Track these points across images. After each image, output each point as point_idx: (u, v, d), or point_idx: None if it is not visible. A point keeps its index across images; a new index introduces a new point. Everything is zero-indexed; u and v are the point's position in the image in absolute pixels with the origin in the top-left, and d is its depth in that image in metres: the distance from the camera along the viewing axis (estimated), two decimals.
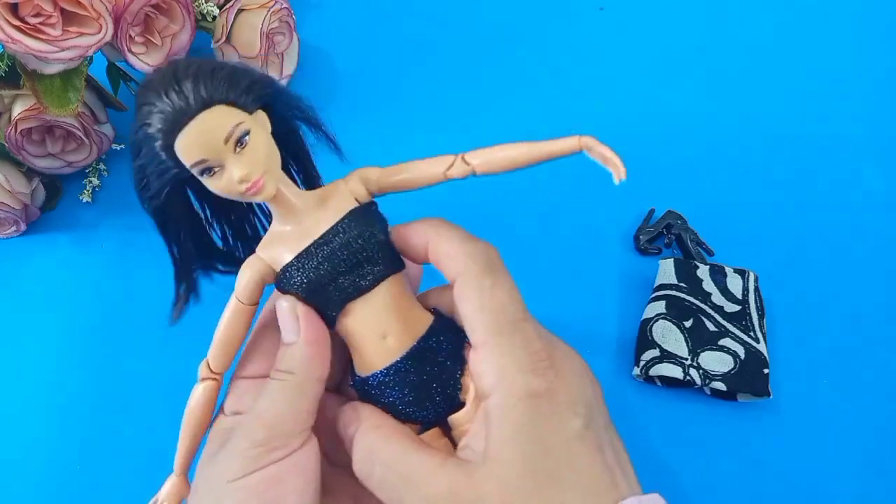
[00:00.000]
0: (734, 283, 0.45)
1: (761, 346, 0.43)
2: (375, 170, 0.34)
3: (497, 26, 0.58)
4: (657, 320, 0.44)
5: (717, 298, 0.45)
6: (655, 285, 0.46)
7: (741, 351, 0.43)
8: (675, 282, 0.45)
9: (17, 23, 0.39)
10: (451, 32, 0.58)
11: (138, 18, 0.44)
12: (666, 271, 0.46)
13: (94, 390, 0.45)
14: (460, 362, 0.33)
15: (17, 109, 0.44)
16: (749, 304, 0.44)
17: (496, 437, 0.29)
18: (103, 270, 0.49)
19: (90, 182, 0.50)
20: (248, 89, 0.31)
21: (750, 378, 0.42)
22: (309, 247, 0.32)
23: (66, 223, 0.50)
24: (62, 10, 0.40)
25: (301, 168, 0.38)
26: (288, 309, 0.32)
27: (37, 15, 0.40)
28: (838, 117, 0.54)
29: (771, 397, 0.42)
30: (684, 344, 0.43)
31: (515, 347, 0.30)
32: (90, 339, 0.46)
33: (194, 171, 0.30)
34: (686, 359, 0.42)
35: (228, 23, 0.48)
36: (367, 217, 0.33)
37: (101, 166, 0.51)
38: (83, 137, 0.47)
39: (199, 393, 0.34)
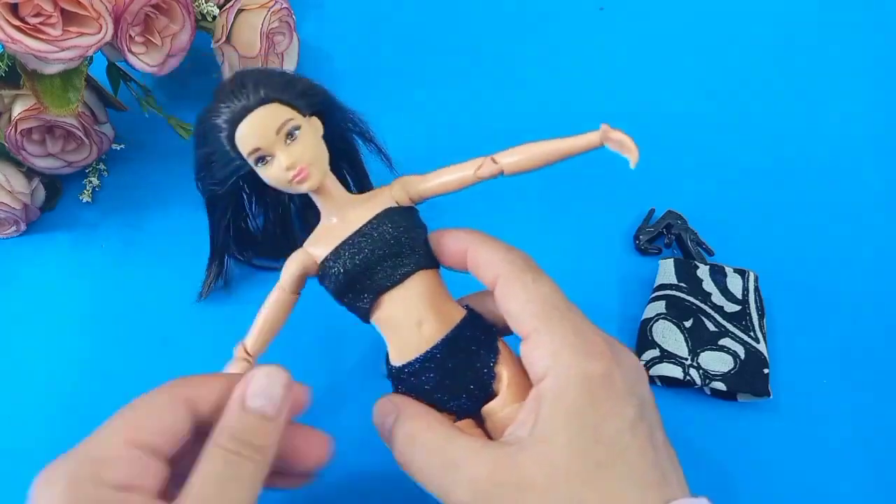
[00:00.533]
0: (734, 283, 0.45)
1: (761, 346, 0.43)
2: (415, 177, 0.37)
3: (497, 26, 0.58)
4: (657, 320, 0.44)
5: (717, 298, 0.45)
6: (655, 285, 0.46)
7: (741, 351, 0.43)
8: (675, 282, 0.45)
9: (18, 23, 0.39)
10: (450, 32, 0.58)
11: (138, 18, 0.43)
12: (666, 271, 0.46)
13: (95, 390, 0.44)
14: (494, 352, 0.34)
15: (17, 109, 0.44)
16: (749, 305, 0.45)
17: (546, 418, 0.29)
18: (103, 270, 0.49)
19: (90, 182, 0.50)
20: (303, 93, 0.35)
21: (750, 378, 0.42)
22: (347, 238, 0.35)
23: (66, 223, 0.50)
24: (62, 11, 0.40)
25: (354, 174, 0.42)
26: (276, 374, 0.31)
27: (37, 15, 0.40)
28: (838, 117, 0.54)
29: (771, 397, 0.42)
30: (684, 344, 0.43)
31: (568, 332, 0.30)
32: (90, 338, 0.46)
33: (250, 161, 0.35)
34: (686, 359, 0.42)
35: (228, 23, 0.48)
36: (403, 214, 0.36)
37: (101, 166, 0.51)
38: (83, 137, 0.47)
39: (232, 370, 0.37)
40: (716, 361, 0.42)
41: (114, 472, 0.28)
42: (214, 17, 0.49)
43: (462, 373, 0.34)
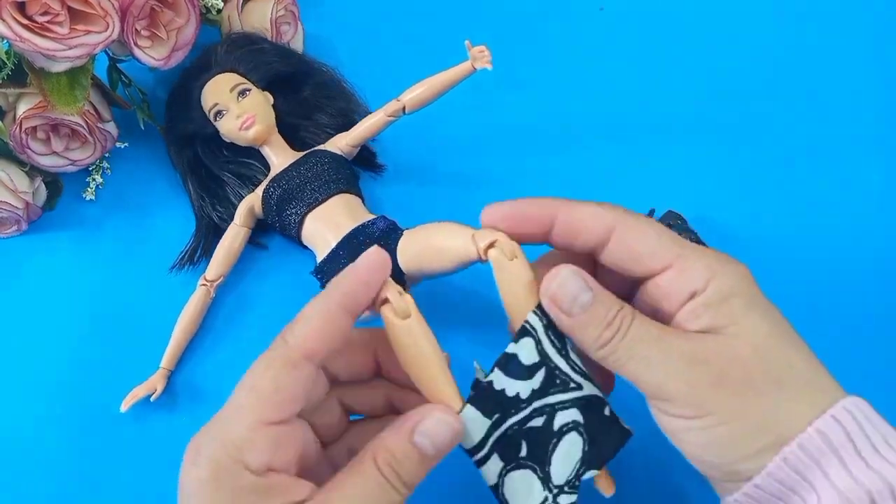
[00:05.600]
0: (526, 354, 0.33)
1: (587, 389, 0.34)
2: (343, 133, 0.48)
3: (497, 26, 0.58)
4: (503, 482, 0.33)
5: (524, 389, 0.33)
6: (470, 448, 0.33)
7: (577, 414, 0.34)
8: (490, 422, 0.33)
9: (26, 21, 0.39)
10: (451, 31, 0.57)
11: (144, 12, 0.44)
12: (470, 429, 0.32)
13: (97, 390, 0.45)
14: (397, 237, 0.41)
15: (22, 108, 0.44)
16: (549, 357, 0.33)
17: (740, 312, 0.31)
18: (106, 269, 0.49)
19: (94, 180, 0.50)
20: (255, 68, 0.47)
21: (602, 438, 0.34)
22: (283, 170, 0.45)
23: (69, 222, 0.50)
24: (69, 9, 0.40)
25: (308, 140, 0.49)
26: (450, 423, 0.31)
27: (45, 13, 0.40)
28: (840, 117, 0.54)
29: (633, 433, 0.35)
30: (534, 477, 0.33)
31: (707, 251, 0.33)
32: (92, 337, 0.46)
33: (211, 116, 0.46)
34: (546, 498, 0.33)
35: (239, 8, 0.49)
36: (330, 154, 0.46)
37: (105, 164, 0.51)
38: (87, 135, 0.46)
39: (194, 298, 0.45)
40: (565, 458, 0.33)
41: (253, 455, 0.28)
42: (219, 11, 0.49)
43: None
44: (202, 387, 0.45)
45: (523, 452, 0.33)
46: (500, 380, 0.32)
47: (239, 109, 0.45)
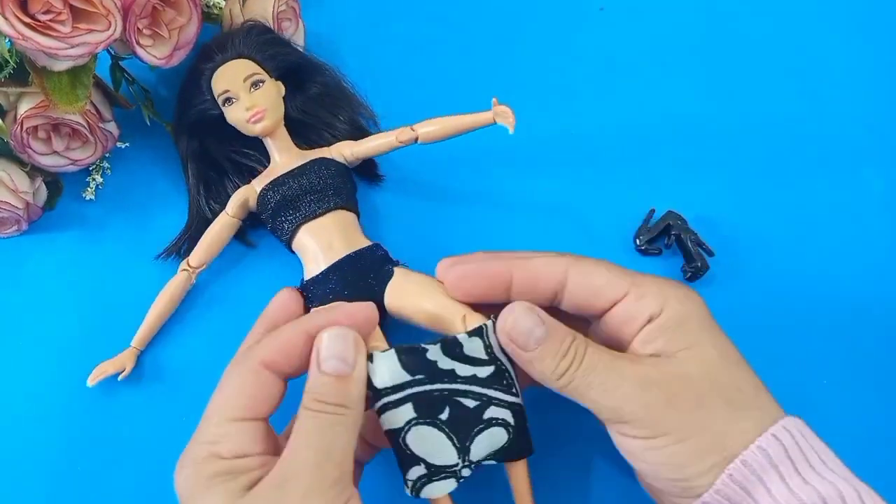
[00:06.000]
0: (473, 347, 0.36)
1: (521, 401, 0.37)
2: (352, 142, 0.47)
3: (497, 26, 0.58)
4: (409, 429, 0.35)
5: (464, 370, 0.36)
6: (381, 388, 0.35)
7: (509, 416, 0.36)
8: (410, 377, 0.35)
9: (28, 20, 0.39)
10: (451, 31, 0.58)
11: (146, 11, 0.44)
12: (390, 368, 0.35)
13: (98, 389, 0.44)
14: (388, 275, 0.41)
15: (23, 108, 0.44)
16: (500, 358, 0.36)
17: (692, 333, 0.34)
18: (106, 269, 0.48)
19: (94, 179, 0.50)
20: (273, 57, 0.46)
21: (523, 440, 0.37)
22: (283, 174, 0.44)
23: (69, 221, 0.50)
24: (71, 7, 0.40)
25: (311, 136, 0.49)
26: (344, 335, 0.34)
27: (47, 12, 0.39)
28: (838, 117, 0.54)
29: (533, 453, 0.37)
30: (449, 444, 0.35)
31: (659, 279, 0.36)
32: (91, 338, 0.46)
33: (220, 101, 0.45)
34: (456, 464, 0.35)
35: (240, 6, 0.49)
36: (333, 164, 0.45)
37: (106, 164, 0.51)
38: (88, 135, 0.46)
39: (174, 281, 0.45)
40: (487, 444, 0.36)
41: (228, 446, 0.33)
42: (220, 9, 0.49)
43: (358, 288, 0.40)
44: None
45: (444, 416, 0.35)
46: (435, 352, 0.35)
47: (249, 101, 0.44)
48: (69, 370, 0.45)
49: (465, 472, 0.36)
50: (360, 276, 0.41)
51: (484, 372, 0.36)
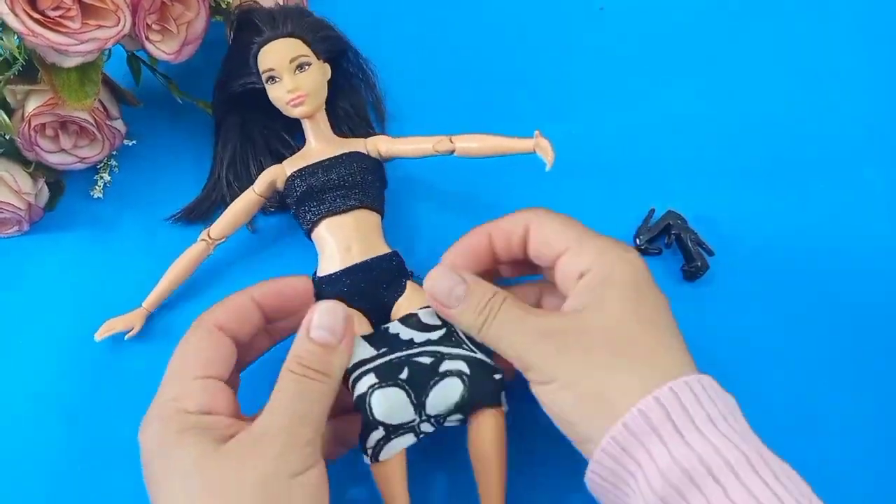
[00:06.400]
0: (428, 316, 0.40)
1: (480, 356, 0.39)
2: (389, 137, 0.46)
3: (497, 26, 0.58)
4: (372, 392, 0.37)
5: (420, 336, 0.39)
6: (351, 364, 0.38)
7: (464, 366, 0.38)
8: (375, 353, 0.39)
9: (38, 16, 0.39)
10: (451, 31, 0.58)
11: (154, 6, 0.44)
12: (355, 351, 0.39)
13: (99, 389, 0.45)
14: (401, 288, 0.42)
15: (31, 105, 0.44)
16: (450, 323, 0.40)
17: (600, 293, 0.35)
18: (113, 267, 0.49)
19: (101, 178, 0.50)
20: (323, 39, 0.46)
21: (481, 387, 0.38)
22: (314, 163, 0.44)
23: (77, 220, 0.50)
24: (81, 3, 0.41)
25: (351, 121, 0.50)
26: (336, 310, 0.37)
27: (56, 8, 0.40)
28: (838, 117, 0.54)
29: (506, 409, 0.39)
30: (407, 400, 0.37)
31: (606, 240, 0.37)
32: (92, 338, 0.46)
33: (264, 77, 0.44)
34: (413, 420, 0.38)
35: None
36: (366, 160, 0.45)
37: (113, 162, 0.51)
38: (96, 132, 0.47)
39: (192, 249, 0.45)
40: (443, 395, 0.38)
41: (193, 402, 0.34)
42: (228, 4, 0.49)
43: (368, 296, 0.41)
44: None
45: (403, 375, 0.37)
46: (395, 327, 0.40)
47: (293, 84, 0.43)
48: (70, 370, 0.45)
49: (426, 427, 0.38)
50: (372, 286, 0.41)
51: (437, 334, 0.39)
